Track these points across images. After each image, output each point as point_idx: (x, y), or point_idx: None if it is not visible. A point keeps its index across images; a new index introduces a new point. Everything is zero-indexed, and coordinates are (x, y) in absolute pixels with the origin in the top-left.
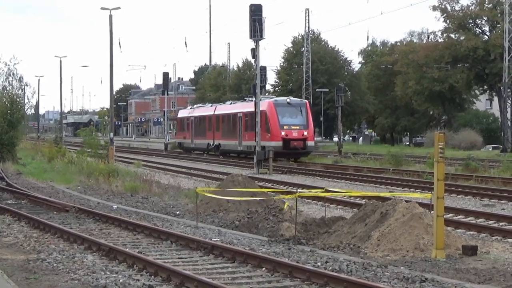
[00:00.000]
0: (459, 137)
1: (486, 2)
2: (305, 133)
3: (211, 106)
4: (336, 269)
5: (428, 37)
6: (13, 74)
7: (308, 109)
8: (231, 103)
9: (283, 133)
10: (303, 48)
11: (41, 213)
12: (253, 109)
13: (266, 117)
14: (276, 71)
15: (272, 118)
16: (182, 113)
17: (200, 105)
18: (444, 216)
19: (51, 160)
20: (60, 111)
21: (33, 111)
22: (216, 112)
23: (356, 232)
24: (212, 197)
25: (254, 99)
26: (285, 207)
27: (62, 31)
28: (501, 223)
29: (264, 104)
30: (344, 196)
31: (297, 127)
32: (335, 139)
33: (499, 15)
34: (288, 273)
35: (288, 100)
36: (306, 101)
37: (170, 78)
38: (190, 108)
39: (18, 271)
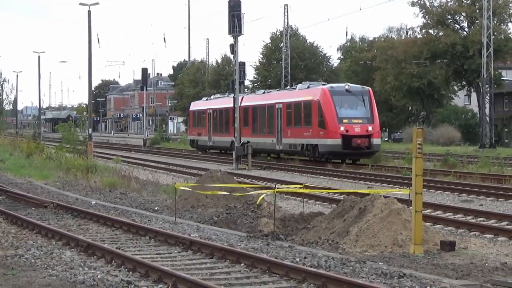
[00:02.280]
0: (438, 133)
1: None
2: (370, 128)
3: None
4: (315, 265)
5: (407, 33)
6: None
7: (372, 98)
8: (264, 93)
9: (342, 128)
10: (282, 44)
11: (19, 209)
12: (300, 99)
13: (319, 108)
14: (255, 67)
15: (328, 109)
16: (196, 105)
17: (219, 95)
18: (423, 211)
19: (29, 156)
20: (38, 107)
21: (11, 106)
22: (243, 104)
23: (335, 228)
24: (191, 192)
25: (297, 88)
26: (259, 200)
27: (40, 27)
28: (479, 219)
29: (315, 92)
30: (323, 192)
31: (360, 121)
32: None
33: (477, 11)
34: (266, 269)
35: (346, 87)
36: (369, 88)
37: (149, 74)
38: (206, 100)
39: None
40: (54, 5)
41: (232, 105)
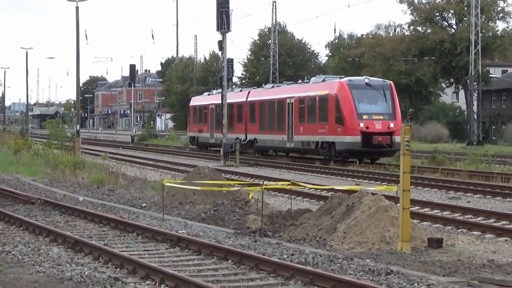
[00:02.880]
0: (425, 130)
1: None
2: (392, 124)
3: (241, 91)
4: (302, 262)
5: (395, 30)
6: None
7: (394, 93)
8: (273, 87)
9: (362, 124)
10: (270, 41)
11: (6, 205)
12: (314, 93)
13: (337, 103)
14: (243, 63)
15: (346, 104)
16: (197, 101)
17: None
18: (410, 208)
19: (17, 152)
20: (26, 103)
21: None
22: (249, 98)
23: (322, 225)
24: (178, 188)
25: (310, 81)
26: (250, 197)
27: (28, 23)
28: (466, 216)
29: (332, 85)
30: (311, 189)
31: (381, 117)
32: None
33: (465, 8)
34: (254, 266)
35: (366, 80)
36: (390, 82)
37: (137, 70)
38: (208, 94)
39: None
40: (42, 1)
41: (237, 100)
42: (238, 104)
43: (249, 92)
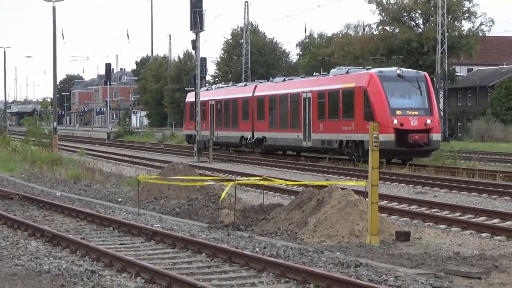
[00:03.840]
0: None
1: None
2: (429, 121)
3: (246, 85)
4: (274, 255)
5: (364, 30)
6: None
7: (429, 85)
8: (284, 80)
9: (395, 121)
10: (242, 40)
11: None
12: (337, 87)
13: (366, 97)
14: (216, 62)
15: (377, 98)
16: (194, 97)
17: (222, 85)
18: (379, 203)
19: None
20: (4, 101)
21: None
22: (257, 93)
23: (293, 219)
24: (153, 184)
25: (330, 73)
26: (222, 196)
27: (5, 22)
28: (433, 210)
29: (360, 77)
30: (282, 184)
31: (416, 112)
32: None
33: (432, 8)
34: (227, 259)
35: (398, 72)
36: (425, 73)
37: (113, 69)
38: (207, 90)
39: None
40: (18, 0)
41: (242, 95)
42: (243, 99)
43: (255, 86)
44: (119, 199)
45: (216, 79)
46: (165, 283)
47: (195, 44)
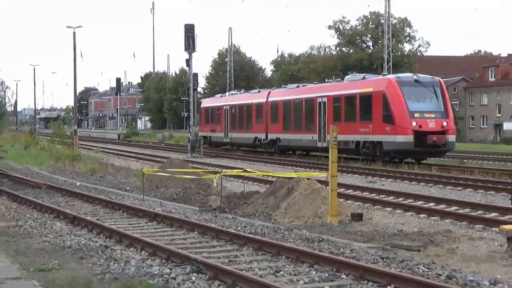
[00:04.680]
0: None
1: (370, 23)
2: (445, 123)
3: (259, 91)
4: (253, 232)
5: (325, 50)
6: None
7: (444, 90)
8: (298, 86)
9: (414, 123)
10: (227, 59)
11: (19, 189)
12: (353, 91)
13: (385, 100)
14: (205, 77)
15: (396, 102)
16: (208, 102)
17: (234, 92)
18: (337, 190)
19: (27, 147)
20: (34, 108)
21: (12, 108)
22: (271, 99)
23: (268, 203)
24: (155, 175)
25: (344, 80)
26: (214, 183)
27: (35, 43)
28: (381, 196)
29: (378, 82)
30: (259, 175)
31: (433, 115)
32: None
33: (380, 33)
34: (215, 235)
35: (415, 77)
36: (439, 78)
37: (122, 82)
38: (221, 96)
39: (1, 236)
40: (46, 26)
41: (256, 101)
42: (257, 104)
43: (269, 93)
44: (127, 188)
45: (206, 90)
46: (165, 255)
47: (188, 62)
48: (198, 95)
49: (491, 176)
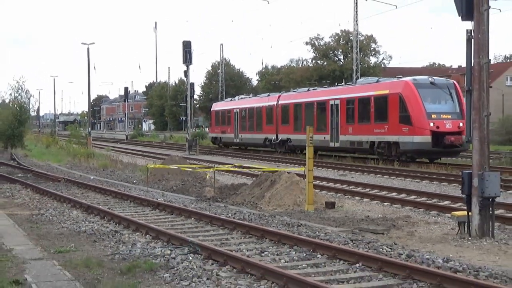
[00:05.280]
0: None
1: (341, 40)
2: (461, 124)
3: (269, 95)
4: (241, 218)
5: (302, 63)
6: (22, 88)
7: (459, 92)
8: (308, 90)
9: (431, 124)
10: (219, 70)
11: (41, 183)
12: (368, 94)
13: (401, 102)
14: (201, 86)
15: (413, 103)
16: (219, 106)
17: (243, 96)
18: (313, 182)
19: (48, 147)
20: (54, 113)
21: (35, 113)
22: (281, 102)
23: (255, 194)
24: (158, 170)
25: (357, 83)
26: (207, 177)
27: (55, 57)
28: (351, 187)
29: (395, 85)
30: (247, 169)
31: (449, 116)
32: None
33: (349, 48)
34: (209, 221)
35: (430, 80)
36: (454, 81)
37: (129, 90)
38: (231, 100)
39: (25, 222)
40: (64, 43)
41: (266, 104)
42: (267, 107)
43: (279, 96)
44: (134, 181)
45: (201, 98)
46: (166, 238)
47: (186, 73)
48: (195, 101)
49: (444, 170)
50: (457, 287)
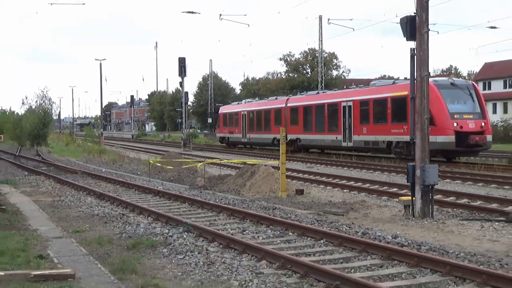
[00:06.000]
0: None
1: (309, 56)
2: (483, 123)
3: (276, 98)
4: (227, 203)
5: (277, 75)
6: (45, 96)
7: (479, 92)
8: (318, 93)
9: (455, 124)
10: (209, 82)
11: (61, 174)
12: (384, 95)
13: None
14: (193, 94)
15: (436, 103)
16: (226, 109)
17: (249, 100)
18: (286, 173)
19: (67, 145)
20: (72, 117)
21: (57, 117)
22: (290, 104)
23: (238, 183)
24: (158, 163)
25: (369, 85)
26: (198, 167)
27: (72, 70)
28: (316, 176)
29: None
30: (231, 163)
31: (471, 116)
32: None
33: (315, 63)
34: (200, 206)
35: (451, 81)
36: (473, 82)
37: (134, 98)
38: (238, 103)
39: (48, 207)
40: (81, 59)
41: (274, 106)
42: (275, 109)
43: (288, 99)
44: (138, 173)
45: (194, 104)
46: (164, 220)
47: (181, 84)
48: (188, 107)
49: (393, 163)
50: (403, 258)
